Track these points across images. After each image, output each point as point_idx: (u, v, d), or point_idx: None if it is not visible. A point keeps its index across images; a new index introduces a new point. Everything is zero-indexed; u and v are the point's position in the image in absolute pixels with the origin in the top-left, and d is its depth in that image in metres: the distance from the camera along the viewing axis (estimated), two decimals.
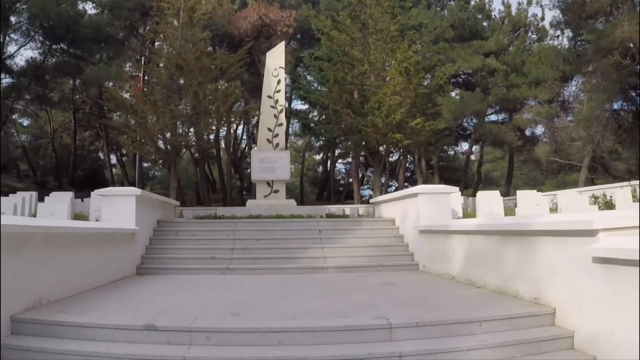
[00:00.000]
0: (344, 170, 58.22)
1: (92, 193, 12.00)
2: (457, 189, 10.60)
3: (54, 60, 34.66)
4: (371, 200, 13.96)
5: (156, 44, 18.24)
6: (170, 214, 13.04)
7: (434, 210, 10.14)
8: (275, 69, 26.92)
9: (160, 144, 17.79)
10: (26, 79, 31.08)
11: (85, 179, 47.97)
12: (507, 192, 40.35)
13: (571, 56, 30.04)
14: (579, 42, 35.38)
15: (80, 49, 32.72)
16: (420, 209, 10.11)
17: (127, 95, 16.80)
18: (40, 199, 16.32)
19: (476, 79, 34.73)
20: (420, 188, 10.24)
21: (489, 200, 12.30)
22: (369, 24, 17.40)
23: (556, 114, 34.53)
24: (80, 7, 30.68)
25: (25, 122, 47.94)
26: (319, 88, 18.54)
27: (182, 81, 17.32)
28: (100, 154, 43.01)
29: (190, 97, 16.65)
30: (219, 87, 16.58)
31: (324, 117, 17.14)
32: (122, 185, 41.00)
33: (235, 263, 9.71)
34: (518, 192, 15.18)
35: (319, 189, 53.52)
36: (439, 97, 17.82)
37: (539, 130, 38.81)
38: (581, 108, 32.20)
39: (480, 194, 13.65)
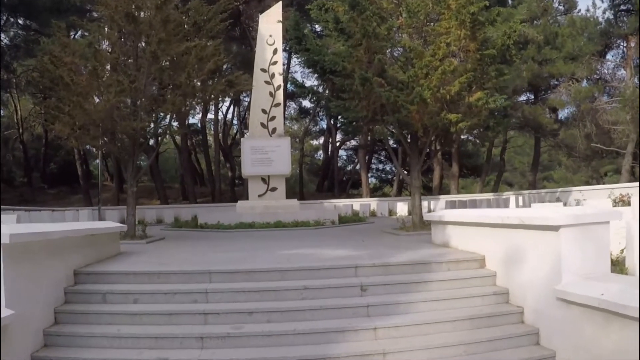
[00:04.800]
0: (345, 157, 53.17)
1: None
2: (624, 210, 5.76)
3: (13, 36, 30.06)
4: (428, 217, 9.10)
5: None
6: (108, 249, 8.09)
7: (589, 255, 5.44)
8: (271, 36, 21.82)
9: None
10: None
11: (58, 174, 43.26)
12: (533, 182, 35.61)
13: None
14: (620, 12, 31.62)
15: (37, 22, 28.00)
16: (565, 254, 5.44)
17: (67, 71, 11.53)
18: None
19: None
20: (563, 216, 5.36)
21: None
22: None
23: (599, 93, 30.06)
24: None
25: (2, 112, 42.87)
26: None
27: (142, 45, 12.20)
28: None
29: (147, 61, 11.53)
30: (191, 46, 11.42)
31: (344, 90, 12.06)
32: (94, 183, 35.75)
33: None
34: None
35: (319, 178, 48.55)
36: (503, 64, 12.83)
37: (567, 112, 34.12)
38: (626, 87, 28.19)
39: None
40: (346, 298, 6.17)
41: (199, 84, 12.52)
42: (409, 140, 13.09)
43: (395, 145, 23.99)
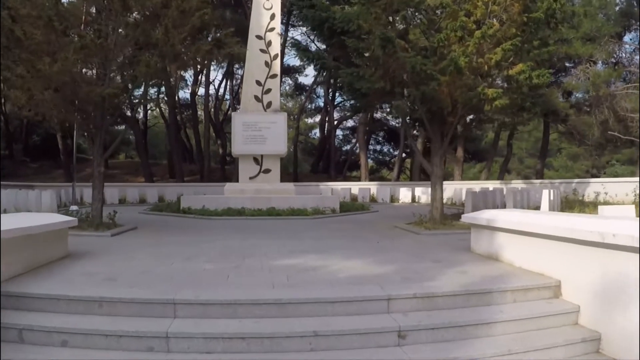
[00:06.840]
0: (341, 137, 50.82)
1: None
2: None
3: None
4: (469, 218, 7.09)
5: None
6: (49, 251, 6.07)
7: None
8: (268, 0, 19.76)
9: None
10: None
11: (41, 146, 40.91)
12: (541, 171, 33.64)
13: None
14: None
15: None
16: None
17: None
18: None
19: None
20: None
21: None
22: None
23: (616, 78, 28.06)
24: None
25: None
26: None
27: None
28: None
29: (117, 12, 9.33)
30: None
31: (357, 56, 9.93)
32: (78, 157, 33.33)
33: None
34: None
35: (315, 158, 46.31)
36: (548, 30, 10.76)
37: (578, 96, 31.86)
38: None
39: None
40: (378, 350, 4.14)
41: (179, 44, 10.30)
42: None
43: (399, 125, 21.90)
